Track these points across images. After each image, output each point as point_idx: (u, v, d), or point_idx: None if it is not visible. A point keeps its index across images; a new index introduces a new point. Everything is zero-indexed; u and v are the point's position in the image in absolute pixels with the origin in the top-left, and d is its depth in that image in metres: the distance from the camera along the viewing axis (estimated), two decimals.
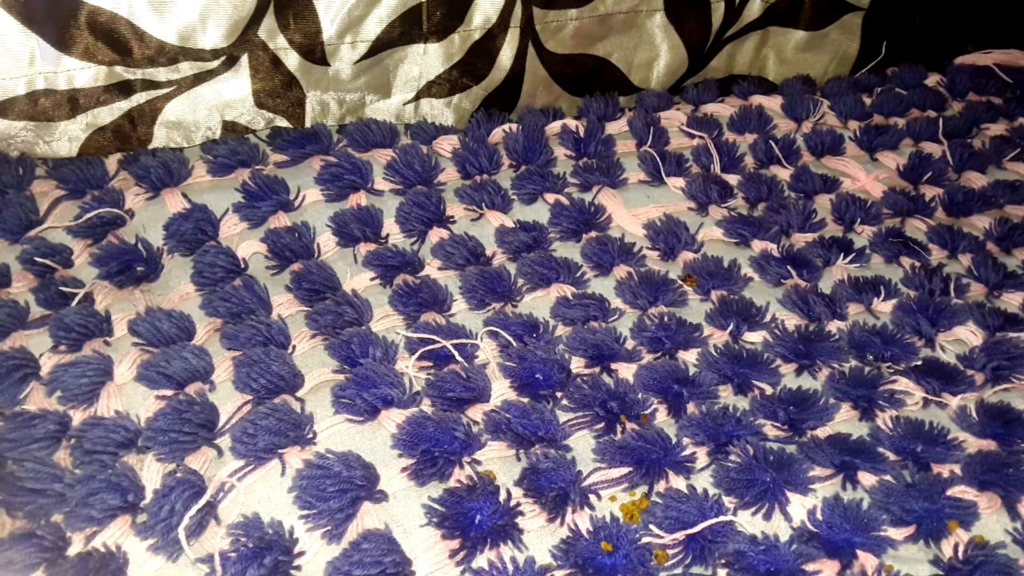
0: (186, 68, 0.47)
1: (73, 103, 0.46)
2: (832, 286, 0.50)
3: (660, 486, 0.37)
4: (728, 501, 0.37)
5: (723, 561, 0.35)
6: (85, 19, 0.44)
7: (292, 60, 0.50)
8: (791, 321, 0.47)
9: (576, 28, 0.57)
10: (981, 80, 0.71)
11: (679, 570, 0.34)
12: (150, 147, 0.49)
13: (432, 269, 0.46)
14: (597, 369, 0.42)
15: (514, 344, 0.42)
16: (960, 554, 0.36)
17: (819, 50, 0.68)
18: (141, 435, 0.36)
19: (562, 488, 0.36)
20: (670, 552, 0.35)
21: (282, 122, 0.52)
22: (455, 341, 0.41)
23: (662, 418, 0.40)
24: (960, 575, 0.35)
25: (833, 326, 0.47)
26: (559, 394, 0.40)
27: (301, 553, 0.34)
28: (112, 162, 0.48)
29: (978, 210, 0.57)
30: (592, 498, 0.37)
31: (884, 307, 0.49)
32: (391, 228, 0.48)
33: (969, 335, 0.48)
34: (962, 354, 0.46)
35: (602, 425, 0.39)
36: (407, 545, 0.34)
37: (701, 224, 0.52)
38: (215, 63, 0.48)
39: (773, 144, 0.59)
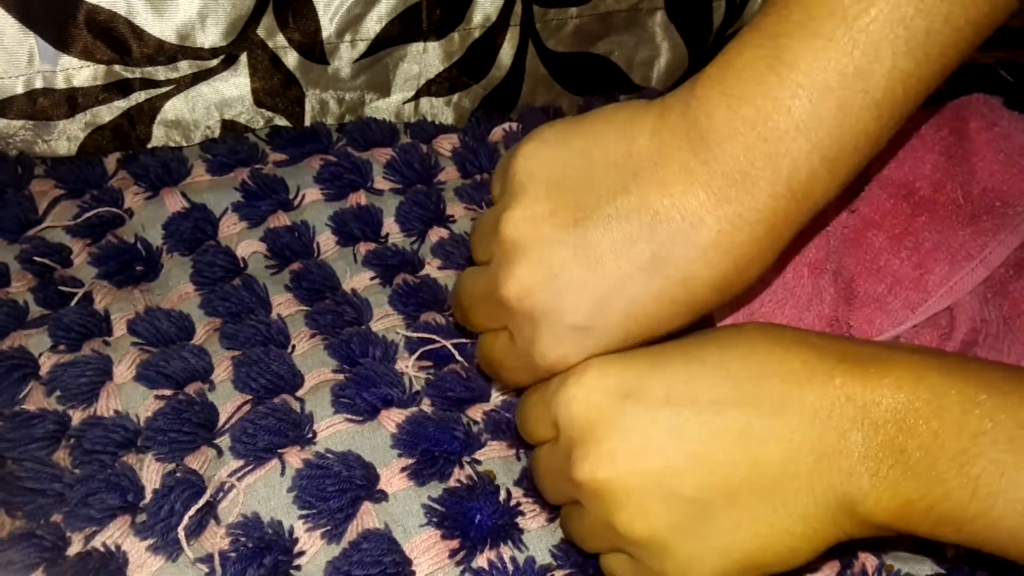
0: (185, 67, 0.47)
1: (72, 102, 0.46)
2: None
3: None
4: None
5: None
6: (84, 18, 0.44)
7: (291, 59, 0.50)
8: None
9: (576, 27, 0.57)
10: (982, 78, 0.71)
11: None
12: (149, 146, 0.49)
13: (432, 268, 0.46)
14: None
15: None
16: (961, 551, 0.36)
17: None
18: (141, 435, 0.36)
19: None
20: None
21: (281, 121, 0.52)
22: (455, 341, 0.41)
23: None
24: (962, 573, 0.35)
25: None
26: None
27: (301, 553, 0.34)
28: (111, 161, 0.48)
29: None
30: None
31: None
32: (391, 227, 0.47)
33: None
34: None
35: None
36: (407, 545, 0.34)
37: None
38: (214, 62, 0.48)
39: None
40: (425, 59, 0.53)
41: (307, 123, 0.52)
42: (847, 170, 0.28)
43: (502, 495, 0.36)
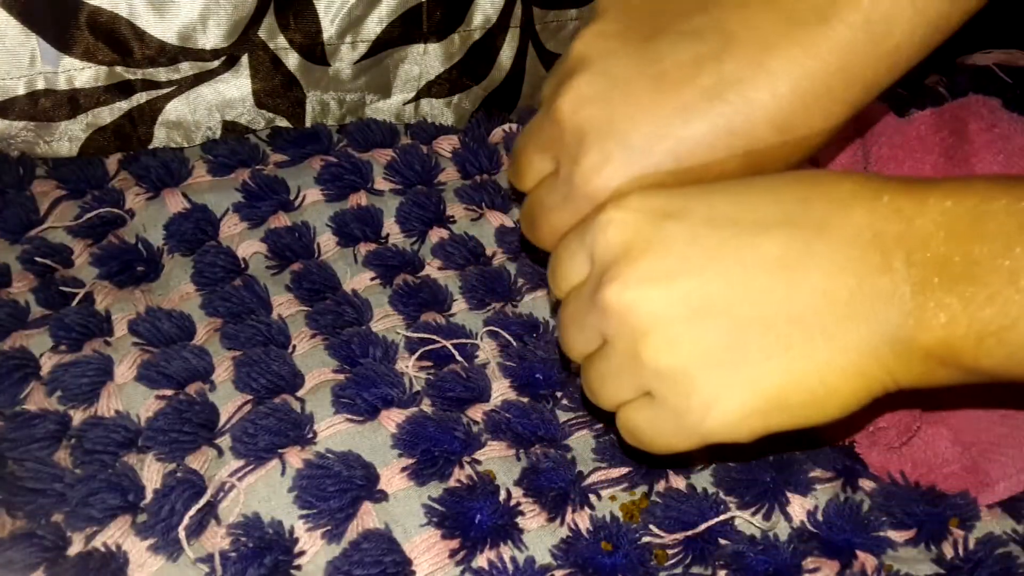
0: (186, 68, 0.47)
1: (73, 103, 0.46)
2: None
3: (660, 486, 0.37)
4: (728, 501, 0.37)
5: (722, 561, 0.35)
6: (85, 19, 0.44)
7: (292, 60, 0.50)
8: None
9: (576, 28, 0.57)
10: (981, 80, 0.71)
11: (679, 570, 0.35)
12: (150, 147, 0.49)
13: (432, 269, 0.46)
14: None
15: (514, 344, 0.42)
16: (961, 552, 0.36)
17: None
18: (141, 435, 0.36)
19: (562, 488, 0.36)
20: (670, 552, 0.35)
21: (282, 122, 0.52)
22: (455, 341, 0.41)
23: None
24: (962, 573, 0.35)
25: None
26: (559, 394, 0.40)
27: (301, 553, 0.34)
28: (112, 162, 0.48)
29: None
30: (592, 498, 0.37)
31: None
32: (391, 228, 0.48)
33: None
34: None
35: (602, 425, 0.39)
36: (407, 545, 0.34)
37: None
38: (215, 63, 0.48)
39: None
40: (425, 60, 0.53)
41: (308, 124, 0.52)
42: (930, 15, 0.27)
43: (502, 495, 0.36)
